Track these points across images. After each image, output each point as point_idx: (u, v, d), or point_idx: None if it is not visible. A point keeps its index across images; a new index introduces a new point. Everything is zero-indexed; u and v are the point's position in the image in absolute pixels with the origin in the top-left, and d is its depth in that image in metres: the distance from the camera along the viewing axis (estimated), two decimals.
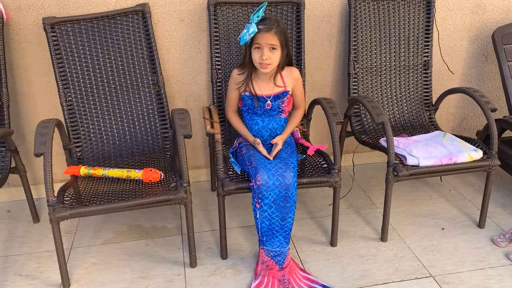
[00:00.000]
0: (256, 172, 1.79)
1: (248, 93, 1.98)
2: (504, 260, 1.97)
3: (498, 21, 2.58)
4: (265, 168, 1.79)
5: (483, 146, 2.10)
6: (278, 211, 1.78)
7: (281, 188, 1.75)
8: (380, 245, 2.08)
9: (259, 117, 2.01)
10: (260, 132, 2.03)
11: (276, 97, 1.99)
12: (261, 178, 1.76)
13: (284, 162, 1.83)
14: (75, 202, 1.79)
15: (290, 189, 1.76)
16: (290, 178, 1.77)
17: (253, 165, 1.83)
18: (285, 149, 1.96)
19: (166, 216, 2.31)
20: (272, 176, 1.76)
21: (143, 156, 2.18)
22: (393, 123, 2.41)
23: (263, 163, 1.82)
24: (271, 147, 1.97)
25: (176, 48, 2.32)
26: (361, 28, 2.34)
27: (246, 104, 2.01)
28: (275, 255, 1.83)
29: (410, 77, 2.43)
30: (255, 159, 1.86)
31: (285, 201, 1.77)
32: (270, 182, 1.76)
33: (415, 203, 2.41)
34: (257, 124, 2.02)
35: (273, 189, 1.76)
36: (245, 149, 1.97)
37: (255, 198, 1.79)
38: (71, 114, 2.13)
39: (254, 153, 1.92)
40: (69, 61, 2.10)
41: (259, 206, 1.78)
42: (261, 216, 1.79)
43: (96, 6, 2.17)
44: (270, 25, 1.86)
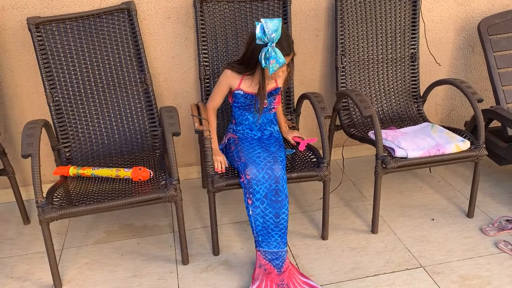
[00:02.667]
0: (245, 166, 1.79)
1: (241, 92, 1.96)
2: (493, 248, 2.00)
3: (484, 12, 2.59)
4: (254, 163, 1.79)
5: (470, 137, 2.12)
6: (270, 207, 1.77)
7: (271, 182, 1.76)
8: (371, 237, 2.09)
9: (250, 113, 2.01)
10: (250, 126, 2.04)
11: (270, 94, 1.99)
12: (251, 172, 1.76)
13: (273, 156, 1.84)
14: (64, 203, 1.78)
15: (280, 182, 1.77)
16: (279, 170, 1.77)
17: (242, 161, 1.83)
18: (274, 143, 1.98)
19: (157, 214, 2.31)
20: (261, 170, 1.77)
21: (132, 154, 2.17)
22: (381, 115, 2.43)
23: (252, 158, 1.83)
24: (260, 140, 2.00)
25: (163, 45, 2.31)
26: (347, 22, 2.34)
27: (239, 101, 1.99)
28: (273, 258, 1.79)
29: (397, 69, 2.45)
30: (244, 154, 1.86)
31: (276, 195, 1.77)
32: (259, 175, 1.76)
33: (405, 194, 2.43)
34: (248, 119, 2.03)
35: (263, 183, 1.76)
36: (234, 145, 1.97)
37: (246, 193, 1.79)
38: (58, 115, 2.12)
39: (242, 148, 1.92)
40: (55, 61, 2.09)
41: (251, 201, 1.78)
42: (254, 213, 1.78)
43: (81, 5, 2.16)
44: (289, 49, 1.83)
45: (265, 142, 1.99)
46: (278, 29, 1.75)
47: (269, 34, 1.75)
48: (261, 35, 1.76)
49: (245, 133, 2.05)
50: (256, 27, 1.76)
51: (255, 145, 1.95)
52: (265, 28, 1.74)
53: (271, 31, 1.75)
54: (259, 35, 1.76)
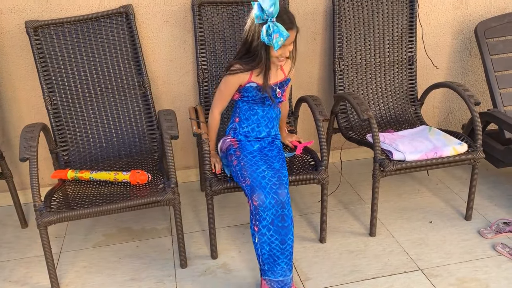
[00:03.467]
0: (252, 192, 1.70)
1: (255, 84, 1.87)
2: (491, 251, 2.00)
3: (481, 15, 2.61)
4: (260, 186, 1.70)
5: (468, 140, 2.13)
6: (277, 233, 1.69)
7: (277, 207, 1.69)
8: (369, 240, 2.10)
9: (259, 106, 1.93)
10: (258, 122, 1.94)
11: (280, 85, 1.93)
12: (258, 198, 1.68)
13: (277, 176, 1.75)
14: (62, 206, 1.78)
15: (286, 207, 1.70)
16: (284, 195, 1.70)
17: (247, 183, 1.74)
18: (277, 157, 1.89)
19: (155, 217, 2.31)
20: (268, 195, 1.68)
21: (131, 158, 2.18)
22: (379, 118, 2.43)
23: (258, 179, 1.73)
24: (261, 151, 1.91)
25: (161, 49, 2.32)
26: (345, 25, 2.35)
27: (249, 95, 1.89)
28: (279, 286, 1.72)
29: (395, 72, 2.46)
30: (248, 173, 1.76)
31: (283, 221, 1.70)
32: (266, 201, 1.68)
33: (403, 197, 2.43)
34: (257, 113, 1.93)
35: (270, 209, 1.68)
36: (235, 158, 1.86)
37: (252, 220, 1.71)
38: (57, 118, 2.12)
39: (245, 164, 1.81)
40: (53, 64, 2.09)
41: (258, 229, 1.70)
42: (261, 241, 1.70)
43: (79, 9, 2.16)
44: (291, 22, 1.76)
45: (268, 155, 1.90)
46: (276, 3, 1.69)
47: (267, 9, 1.69)
48: (259, 13, 1.71)
49: (249, 134, 1.95)
50: (254, 6, 1.72)
51: (258, 159, 1.84)
52: (263, 5, 1.69)
53: (269, 6, 1.68)
54: (257, 14, 1.71)
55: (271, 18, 1.71)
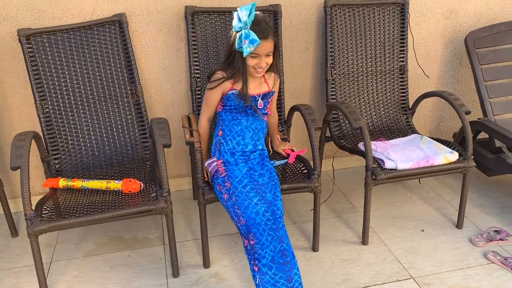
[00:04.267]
0: (247, 231, 1.67)
1: (236, 91, 1.87)
2: (482, 259, 2.02)
3: (470, 25, 2.65)
4: (255, 224, 1.67)
5: (458, 148, 2.15)
6: (280, 271, 1.62)
7: (275, 243, 1.64)
8: (362, 249, 2.10)
9: (243, 116, 1.90)
10: (243, 133, 1.89)
11: (264, 96, 1.93)
12: (254, 237, 1.65)
13: (271, 209, 1.70)
14: (54, 215, 1.77)
15: (284, 240, 1.66)
16: (279, 230, 1.67)
17: (242, 223, 1.70)
18: (269, 184, 1.80)
19: (148, 226, 2.30)
20: (264, 232, 1.65)
21: (123, 166, 2.17)
22: (371, 127, 2.45)
23: (252, 217, 1.68)
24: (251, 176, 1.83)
25: (154, 57, 2.32)
26: (337, 35, 2.37)
27: (231, 104, 1.89)
28: None
29: (386, 81, 2.48)
30: (241, 211, 1.70)
31: (284, 256, 1.64)
32: (263, 238, 1.64)
33: (395, 205, 2.44)
34: (241, 123, 1.90)
35: (268, 246, 1.64)
36: (226, 192, 1.78)
37: (251, 260, 1.67)
38: (48, 126, 2.11)
39: (237, 200, 1.73)
40: (46, 72, 2.09)
41: (257, 268, 1.63)
42: (262, 281, 1.61)
43: (72, 17, 2.16)
44: (266, 32, 1.77)
45: (259, 182, 1.79)
46: (252, 12, 1.72)
47: (242, 17, 1.73)
48: (236, 21, 1.75)
49: (234, 150, 1.89)
50: (233, 16, 1.78)
51: (249, 189, 1.75)
52: (239, 13, 1.74)
53: (244, 15, 1.73)
54: (235, 23, 1.76)
55: (245, 25, 1.74)
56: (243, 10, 1.74)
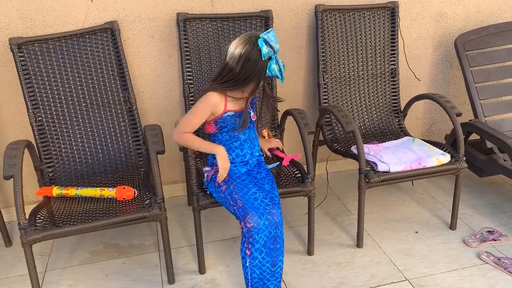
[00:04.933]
0: (245, 214, 1.67)
1: (232, 112, 1.80)
2: (476, 260, 2.03)
3: (460, 28, 2.67)
4: (253, 207, 1.68)
5: (450, 150, 2.16)
6: (268, 256, 1.68)
7: (271, 228, 1.67)
8: (356, 252, 2.11)
9: (240, 132, 1.86)
10: (241, 146, 1.88)
11: (251, 106, 1.89)
12: (252, 220, 1.65)
13: (269, 196, 1.74)
14: (48, 224, 1.76)
15: (279, 227, 1.69)
16: (278, 215, 1.69)
17: (239, 205, 1.70)
18: (266, 178, 1.85)
19: (142, 233, 2.29)
20: (262, 216, 1.66)
21: (117, 173, 2.16)
22: (363, 130, 2.47)
23: (250, 201, 1.70)
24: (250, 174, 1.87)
25: (147, 64, 2.33)
26: (328, 39, 2.39)
27: (227, 124, 1.82)
28: None
29: (378, 85, 2.50)
30: (239, 196, 1.73)
31: (275, 242, 1.68)
32: (261, 222, 1.65)
33: (389, 208, 2.46)
34: (239, 139, 1.87)
35: (263, 230, 1.66)
36: (224, 184, 1.81)
37: (244, 243, 1.68)
38: (41, 135, 2.10)
39: (235, 188, 1.77)
40: (38, 81, 2.08)
41: (250, 252, 1.67)
42: (252, 265, 1.68)
43: (64, 25, 2.16)
44: None
45: (257, 177, 1.85)
46: (276, 38, 1.71)
47: (274, 46, 1.69)
48: (268, 50, 1.68)
49: (234, 160, 1.87)
50: (253, 43, 1.67)
51: (248, 182, 1.81)
52: (269, 41, 1.68)
53: (274, 42, 1.69)
54: (266, 51, 1.67)
55: (276, 54, 1.72)
56: (269, 36, 1.68)
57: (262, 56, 1.68)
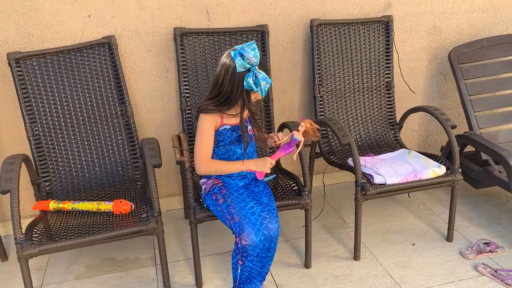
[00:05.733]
0: (241, 230, 1.66)
1: (228, 125, 1.81)
2: (473, 272, 2.03)
3: (453, 41, 2.71)
4: (250, 223, 1.66)
5: (446, 162, 2.18)
6: (259, 262, 1.73)
7: (266, 242, 1.68)
8: (354, 264, 2.11)
9: (236, 146, 1.86)
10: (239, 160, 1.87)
11: (248, 120, 1.88)
12: (248, 238, 1.64)
13: (267, 209, 1.74)
14: (44, 238, 1.76)
15: (274, 241, 1.71)
16: (275, 230, 1.70)
17: (235, 220, 1.69)
18: (264, 191, 1.86)
19: (139, 247, 2.29)
20: (258, 232, 1.66)
21: (113, 187, 2.17)
22: (359, 143, 2.48)
23: (247, 216, 1.69)
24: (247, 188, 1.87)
25: (144, 78, 2.34)
26: (324, 53, 2.42)
27: (224, 138, 1.83)
28: None
29: (373, 97, 2.52)
30: (236, 210, 1.71)
31: (267, 252, 1.72)
32: (256, 239, 1.65)
33: (386, 220, 2.46)
34: (236, 153, 1.86)
35: (259, 245, 1.67)
36: (221, 196, 1.80)
37: (238, 255, 1.70)
38: (38, 148, 2.11)
39: (232, 202, 1.75)
40: (35, 95, 2.10)
41: (242, 263, 1.70)
42: (242, 270, 1.73)
43: (61, 40, 2.18)
44: (267, 68, 1.78)
45: (254, 191, 1.85)
46: (257, 51, 1.69)
47: (250, 58, 1.66)
48: (241, 62, 1.67)
49: (231, 174, 1.87)
50: (231, 56, 1.68)
51: (245, 196, 1.80)
52: (244, 53, 1.67)
53: (252, 55, 1.67)
54: (240, 63, 1.67)
55: (255, 66, 1.69)
56: (247, 49, 1.67)
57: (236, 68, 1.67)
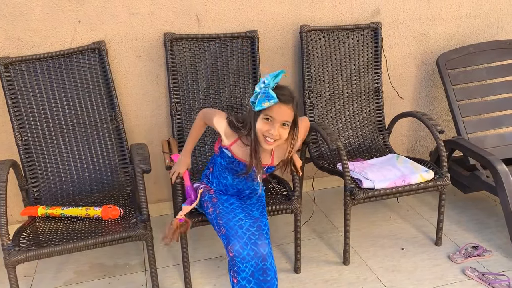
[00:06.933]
0: (227, 242, 1.63)
1: (230, 154, 1.73)
2: (461, 275, 2.05)
3: (441, 48, 2.74)
4: (236, 236, 1.62)
5: (434, 167, 2.20)
6: (258, 287, 1.62)
7: (258, 260, 1.61)
8: (343, 269, 2.12)
9: (230, 174, 1.81)
10: (226, 187, 1.85)
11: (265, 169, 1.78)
12: (233, 249, 1.60)
13: (257, 225, 1.68)
14: (32, 244, 1.74)
15: (267, 259, 1.62)
16: (265, 246, 1.62)
17: (222, 232, 1.67)
18: (256, 204, 1.81)
19: (129, 252, 2.28)
20: (246, 246, 1.61)
21: (103, 192, 2.16)
22: (349, 148, 2.50)
23: (234, 228, 1.65)
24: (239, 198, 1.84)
25: (134, 83, 2.34)
26: (313, 59, 2.43)
27: (223, 159, 1.78)
28: None
29: (362, 103, 2.54)
30: (224, 222, 1.68)
31: (265, 274, 1.62)
32: (244, 253, 1.60)
33: (375, 224, 2.48)
34: (226, 179, 1.83)
35: (249, 261, 1.60)
36: (211, 205, 1.77)
37: (231, 271, 1.65)
38: (27, 154, 2.10)
39: (221, 212, 1.73)
40: (24, 100, 2.09)
41: (237, 281, 1.62)
42: None
43: (51, 45, 2.18)
44: (289, 98, 1.61)
45: (246, 202, 1.82)
46: (278, 76, 1.58)
47: (267, 79, 1.58)
48: (259, 84, 1.60)
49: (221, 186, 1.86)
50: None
51: (235, 206, 1.76)
52: (265, 79, 1.58)
53: (270, 77, 1.58)
54: (257, 85, 1.60)
55: (267, 85, 1.58)
56: (270, 74, 1.60)
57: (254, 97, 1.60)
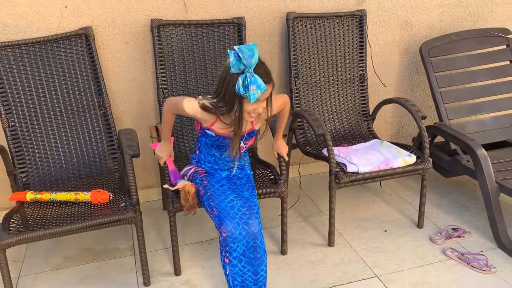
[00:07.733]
0: (220, 223, 1.68)
1: (213, 133, 1.77)
2: (441, 256, 2.13)
3: (424, 36, 2.80)
4: (229, 217, 1.67)
5: (416, 151, 2.26)
6: (249, 265, 1.68)
7: (249, 238, 1.66)
8: (328, 250, 2.18)
9: (217, 151, 1.85)
10: (216, 162, 1.88)
11: (247, 136, 1.83)
12: (227, 230, 1.65)
13: (248, 205, 1.73)
14: (21, 228, 1.76)
15: (258, 237, 1.68)
16: (256, 225, 1.68)
17: (215, 214, 1.71)
18: (246, 184, 1.86)
19: (118, 237, 2.30)
20: (237, 225, 1.66)
21: (91, 178, 2.17)
22: (334, 134, 2.55)
23: (226, 209, 1.69)
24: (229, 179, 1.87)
25: (121, 69, 2.35)
26: (300, 46, 2.47)
27: (208, 139, 1.82)
28: None
29: (347, 90, 2.59)
30: (216, 203, 1.73)
31: (255, 252, 1.68)
32: (236, 232, 1.65)
33: (360, 208, 2.54)
34: (214, 156, 1.87)
35: (240, 240, 1.66)
36: (202, 187, 1.81)
37: (222, 252, 1.69)
38: (14, 139, 2.10)
39: (212, 194, 1.76)
40: (11, 86, 2.08)
41: (228, 260, 1.68)
42: (232, 272, 1.68)
43: (37, 31, 2.17)
44: (269, 76, 1.65)
45: (236, 183, 1.85)
46: (255, 54, 1.58)
47: (245, 59, 1.57)
48: (235, 62, 1.58)
49: (211, 166, 1.90)
50: (230, 55, 1.59)
51: (226, 187, 1.80)
52: (240, 54, 1.57)
53: (247, 56, 1.57)
54: (234, 62, 1.58)
55: (249, 68, 1.58)
56: (246, 51, 1.58)
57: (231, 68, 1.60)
